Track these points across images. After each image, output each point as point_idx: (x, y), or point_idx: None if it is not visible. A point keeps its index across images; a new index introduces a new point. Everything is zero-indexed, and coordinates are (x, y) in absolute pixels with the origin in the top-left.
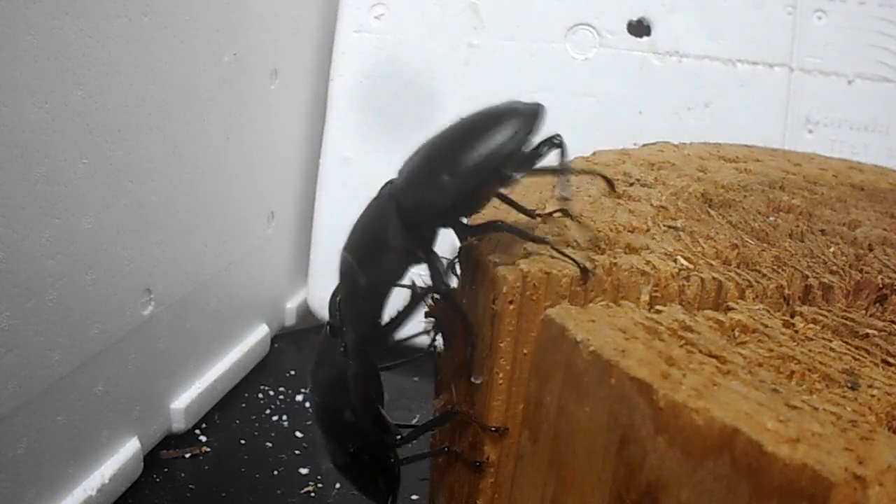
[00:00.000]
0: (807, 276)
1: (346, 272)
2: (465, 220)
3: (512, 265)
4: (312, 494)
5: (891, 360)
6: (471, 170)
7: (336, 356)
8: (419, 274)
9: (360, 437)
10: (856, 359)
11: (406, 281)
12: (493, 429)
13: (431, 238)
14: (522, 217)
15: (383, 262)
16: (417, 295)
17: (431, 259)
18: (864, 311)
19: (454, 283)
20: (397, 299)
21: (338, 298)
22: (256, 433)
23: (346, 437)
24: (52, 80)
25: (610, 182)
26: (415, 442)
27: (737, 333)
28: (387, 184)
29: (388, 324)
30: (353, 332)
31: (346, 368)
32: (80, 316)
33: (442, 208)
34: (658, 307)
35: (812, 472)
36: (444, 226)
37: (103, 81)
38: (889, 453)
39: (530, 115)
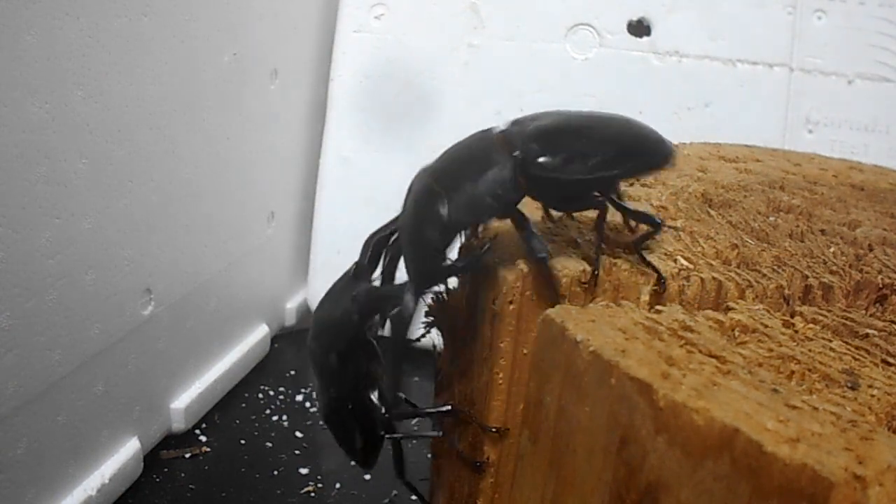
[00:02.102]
0: (807, 276)
1: (426, 198)
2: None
3: (512, 265)
4: (312, 494)
5: (891, 360)
6: (611, 158)
7: (347, 297)
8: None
9: (352, 384)
10: (856, 359)
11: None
12: (493, 429)
13: (518, 201)
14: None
15: (478, 200)
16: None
17: (527, 224)
18: (864, 311)
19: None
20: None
21: (389, 234)
22: (256, 433)
23: (335, 381)
24: (52, 80)
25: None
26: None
27: (737, 333)
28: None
29: (448, 267)
30: (414, 265)
31: (351, 311)
32: (80, 316)
33: (568, 178)
34: (658, 307)
35: (812, 472)
36: (551, 198)
37: (103, 81)
38: (889, 453)
39: (671, 156)
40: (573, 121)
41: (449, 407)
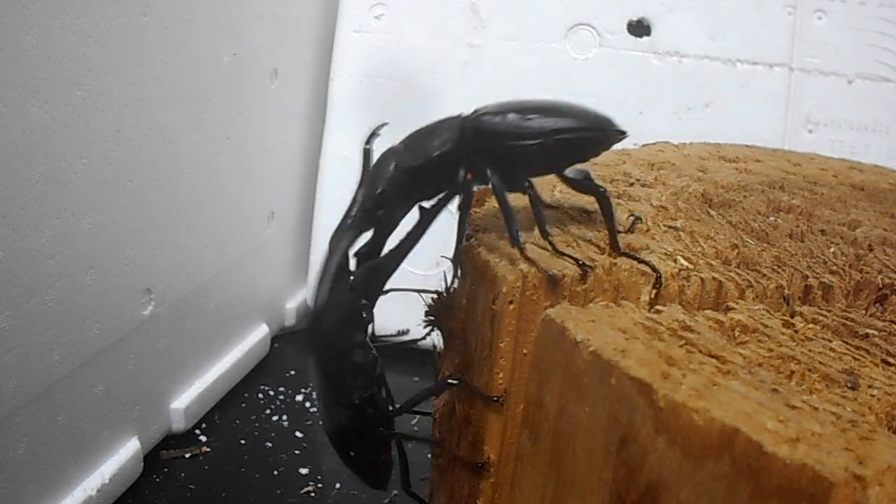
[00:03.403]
0: (807, 276)
1: (385, 153)
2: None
3: (512, 265)
4: (312, 494)
5: (891, 360)
6: (549, 127)
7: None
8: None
9: (358, 386)
10: (856, 359)
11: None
12: (494, 398)
13: (473, 167)
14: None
15: (424, 148)
16: (429, 213)
17: (466, 203)
18: (864, 311)
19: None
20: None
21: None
22: (256, 433)
23: (343, 385)
24: (52, 80)
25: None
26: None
27: (737, 333)
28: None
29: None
30: (365, 195)
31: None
32: (80, 316)
33: (507, 140)
34: (658, 307)
35: (812, 472)
36: (494, 164)
37: (103, 81)
38: (889, 453)
39: (617, 135)
40: (529, 101)
41: (447, 378)
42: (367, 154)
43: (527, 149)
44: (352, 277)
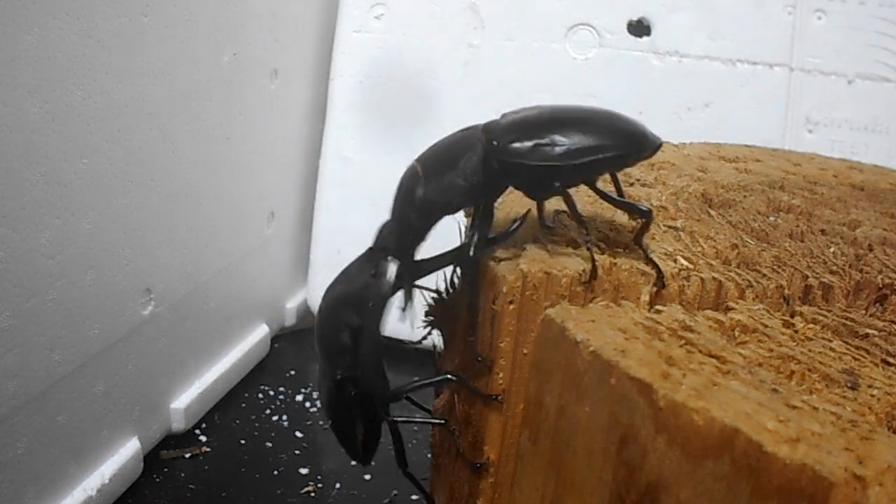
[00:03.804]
0: (807, 276)
1: (408, 179)
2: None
3: (512, 265)
4: (312, 494)
5: (891, 360)
6: (578, 148)
7: (360, 279)
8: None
9: (361, 362)
10: (856, 359)
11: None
12: (494, 396)
13: (500, 190)
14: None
15: (451, 182)
16: (449, 253)
17: (484, 214)
18: (864, 311)
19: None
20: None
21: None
22: (256, 433)
23: (344, 360)
24: (52, 80)
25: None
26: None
27: (737, 333)
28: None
29: (421, 261)
30: (396, 244)
31: (364, 293)
32: (80, 316)
33: (536, 164)
34: (658, 307)
35: (812, 472)
36: (524, 185)
37: (103, 81)
38: (889, 453)
39: (653, 145)
40: (553, 113)
41: (449, 376)
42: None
43: (557, 170)
44: (378, 268)
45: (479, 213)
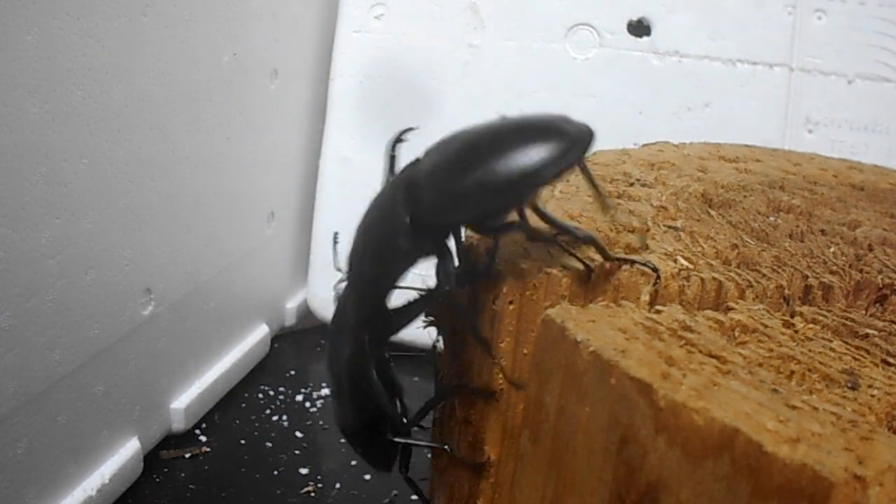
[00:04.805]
0: (807, 276)
1: (352, 260)
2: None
3: (512, 265)
4: (312, 494)
5: (891, 360)
6: (502, 188)
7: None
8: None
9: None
10: (856, 359)
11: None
12: (492, 394)
13: (442, 239)
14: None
15: (387, 258)
16: (423, 297)
17: (442, 257)
18: (864, 311)
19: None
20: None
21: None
22: (256, 433)
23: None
24: (52, 80)
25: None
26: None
27: (737, 333)
28: (407, 166)
29: (394, 317)
30: (355, 316)
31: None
32: (80, 316)
33: (459, 220)
34: (658, 307)
35: (812, 472)
36: (458, 230)
37: (103, 81)
38: (889, 453)
39: (581, 140)
40: (461, 154)
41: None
42: (392, 161)
43: (487, 208)
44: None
45: (437, 254)
